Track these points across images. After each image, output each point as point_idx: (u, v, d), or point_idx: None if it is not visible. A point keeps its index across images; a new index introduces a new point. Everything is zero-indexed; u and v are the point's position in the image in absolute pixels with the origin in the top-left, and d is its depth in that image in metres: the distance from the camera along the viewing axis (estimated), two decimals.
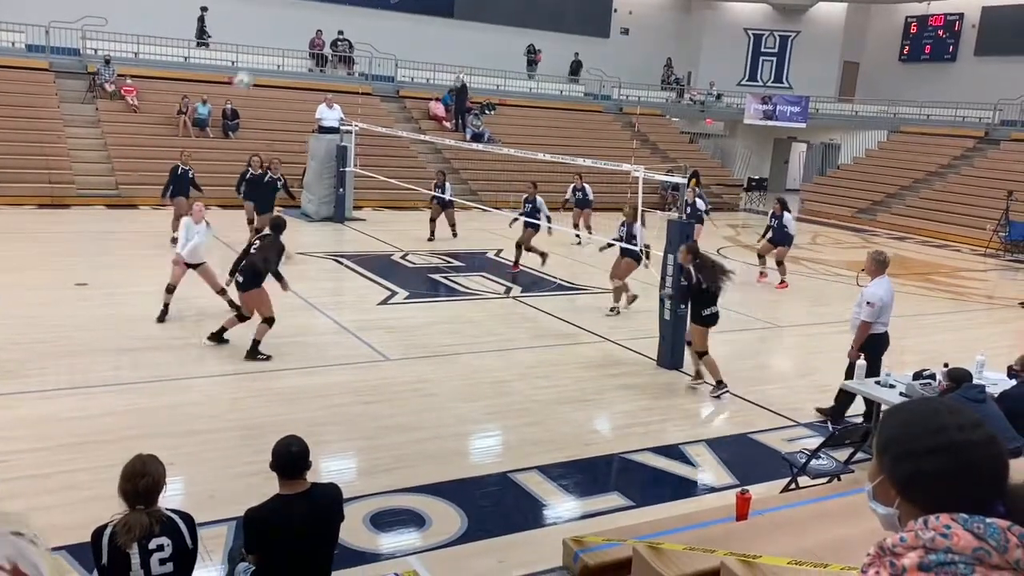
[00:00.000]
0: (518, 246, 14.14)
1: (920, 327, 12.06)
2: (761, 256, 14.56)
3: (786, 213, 14.14)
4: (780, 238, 14.06)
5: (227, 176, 19.86)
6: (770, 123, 30.97)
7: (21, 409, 6.97)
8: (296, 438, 3.86)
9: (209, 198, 17.48)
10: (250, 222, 14.76)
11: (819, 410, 8.00)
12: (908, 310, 13.28)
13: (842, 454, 6.42)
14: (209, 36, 24.68)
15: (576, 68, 30.10)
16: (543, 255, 13.92)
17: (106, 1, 23.01)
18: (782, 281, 13.99)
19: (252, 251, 8.72)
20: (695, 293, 8.34)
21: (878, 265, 7.55)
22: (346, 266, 13.98)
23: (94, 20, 22.33)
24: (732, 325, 11.50)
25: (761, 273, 14.48)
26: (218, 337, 8.95)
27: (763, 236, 14.67)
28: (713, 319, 8.38)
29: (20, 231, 14.04)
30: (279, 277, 8.90)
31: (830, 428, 7.45)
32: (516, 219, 14.63)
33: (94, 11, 22.39)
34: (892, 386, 6.77)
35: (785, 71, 33.47)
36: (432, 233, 16.53)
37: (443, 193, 16.45)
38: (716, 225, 19.81)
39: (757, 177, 29.97)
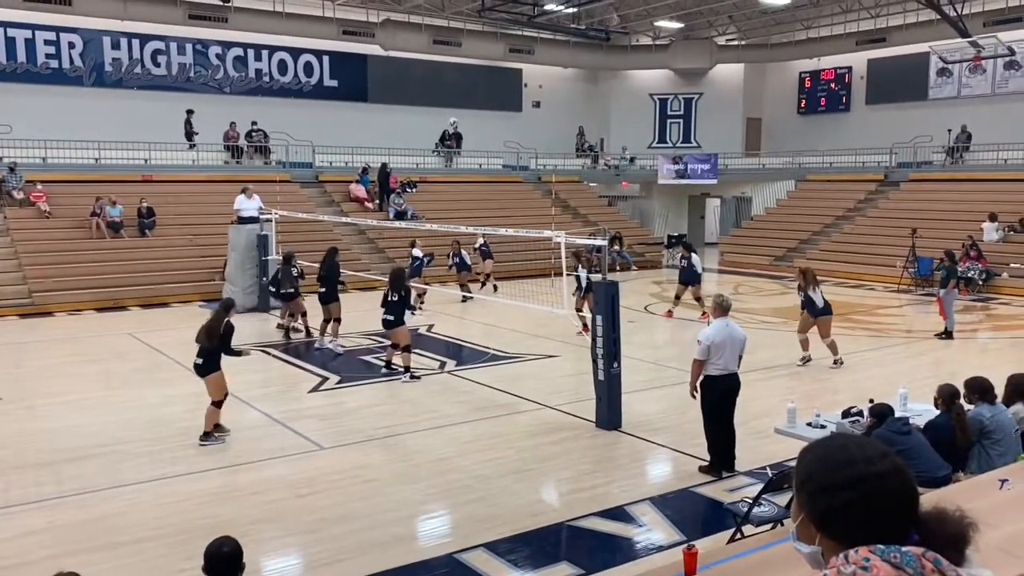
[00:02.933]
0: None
1: (847, 365, 12.40)
2: (677, 297, 16.76)
3: (692, 255, 16.17)
4: (690, 277, 16.13)
5: (146, 275, 19.54)
6: (683, 181, 32.01)
7: None
8: (228, 538, 3.72)
9: (128, 299, 17.13)
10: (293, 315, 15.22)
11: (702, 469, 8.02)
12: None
13: (783, 499, 6.47)
14: (196, 134, 24.93)
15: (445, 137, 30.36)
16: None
17: (10, 108, 22.64)
18: (703, 312, 15.34)
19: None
20: None
21: (716, 307, 8.08)
22: (273, 356, 13.71)
23: None
24: (666, 380, 11.65)
25: (669, 312, 16.76)
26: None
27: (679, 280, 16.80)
28: None
29: None
30: (236, 353, 9.06)
31: (769, 474, 7.53)
32: (451, 266, 19.29)
33: None
34: (823, 426, 6.92)
35: (692, 131, 34.79)
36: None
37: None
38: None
39: (676, 234, 30.79)
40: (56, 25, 24.26)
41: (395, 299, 11.82)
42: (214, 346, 8.76)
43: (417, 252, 18.28)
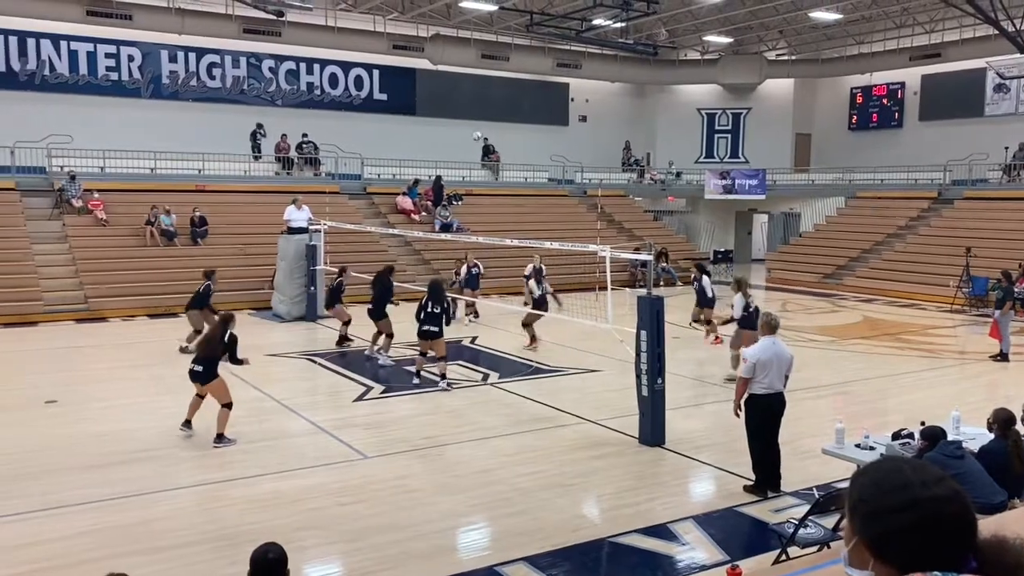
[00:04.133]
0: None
1: (898, 387, 12.15)
2: (696, 320, 16.03)
3: (704, 277, 15.41)
4: (701, 301, 15.41)
5: (197, 283, 19.89)
6: (730, 197, 31.71)
7: None
8: (273, 545, 3.76)
9: (179, 306, 17.49)
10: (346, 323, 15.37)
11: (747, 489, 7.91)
12: (884, 370, 13.44)
13: (830, 521, 6.35)
14: (260, 148, 25.71)
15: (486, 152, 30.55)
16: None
17: (71, 119, 23.38)
18: (716, 337, 14.77)
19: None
20: None
21: (764, 325, 7.96)
22: (320, 364, 13.87)
23: (59, 138, 22.57)
24: (710, 397, 11.52)
25: (717, 338, 15.11)
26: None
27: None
28: None
29: None
30: (239, 362, 9.51)
31: (815, 495, 7.39)
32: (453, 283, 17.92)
33: (59, 129, 22.67)
34: (872, 448, 6.77)
35: (740, 146, 34.48)
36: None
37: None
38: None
39: (723, 249, 30.52)
40: (116, 39, 25.02)
41: (436, 310, 11.93)
42: (216, 355, 9.24)
43: (475, 265, 18.31)
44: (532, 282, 15.93)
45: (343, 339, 15.27)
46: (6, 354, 14.52)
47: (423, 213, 25.90)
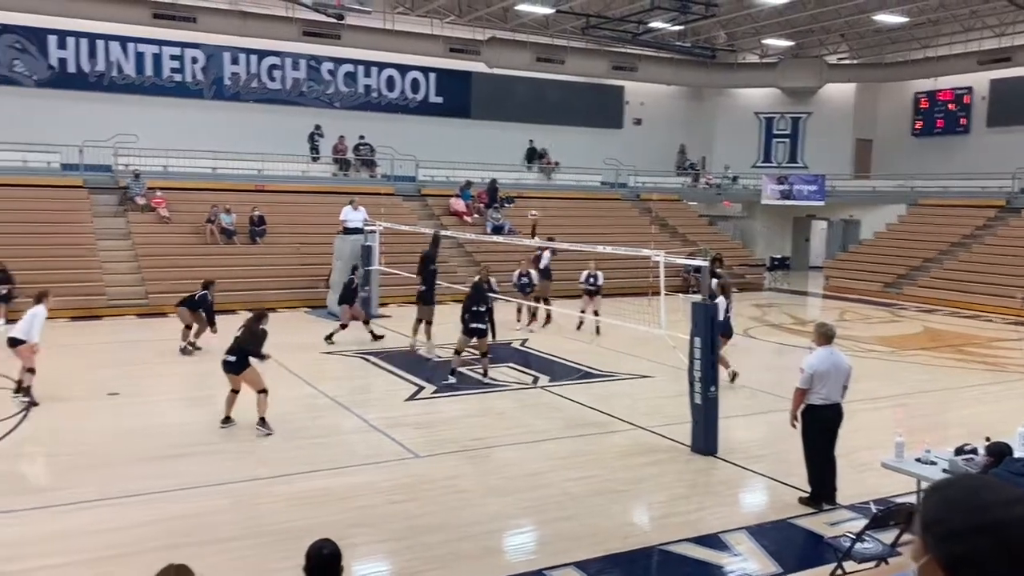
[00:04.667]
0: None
1: (960, 400, 11.81)
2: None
3: (720, 299, 14.43)
4: (719, 327, 14.63)
5: (254, 281, 20.35)
6: (788, 202, 31.20)
7: (55, 523, 6.95)
8: (328, 541, 3.80)
9: (237, 303, 17.85)
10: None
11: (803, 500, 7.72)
12: (946, 383, 13.08)
13: (888, 536, 6.20)
14: (317, 149, 26.16)
15: (531, 155, 30.45)
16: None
17: (136, 119, 24.07)
18: (730, 373, 14.07)
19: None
20: None
21: (820, 336, 7.71)
22: (373, 363, 14.02)
23: (125, 137, 23.23)
24: (764, 406, 11.34)
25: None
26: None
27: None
28: None
29: (53, 344, 14.17)
30: (263, 357, 9.82)
31: (872, 509, 7.22)
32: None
33: (125, 129, 23.33)
34: (933, 463, 6.58)
35: (799, 151, 33.89)
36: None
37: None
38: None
39: (779, 256, 30.01)
40: (181, 41, 25.67)
41: (482, 309, 12.48)
42: (252, 348, 9.65)
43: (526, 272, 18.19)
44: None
45: (375, 336, 15.55)
46: (73, 347, 14.98)
47: (475, 215, 26.01)
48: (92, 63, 24.92)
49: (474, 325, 12.43)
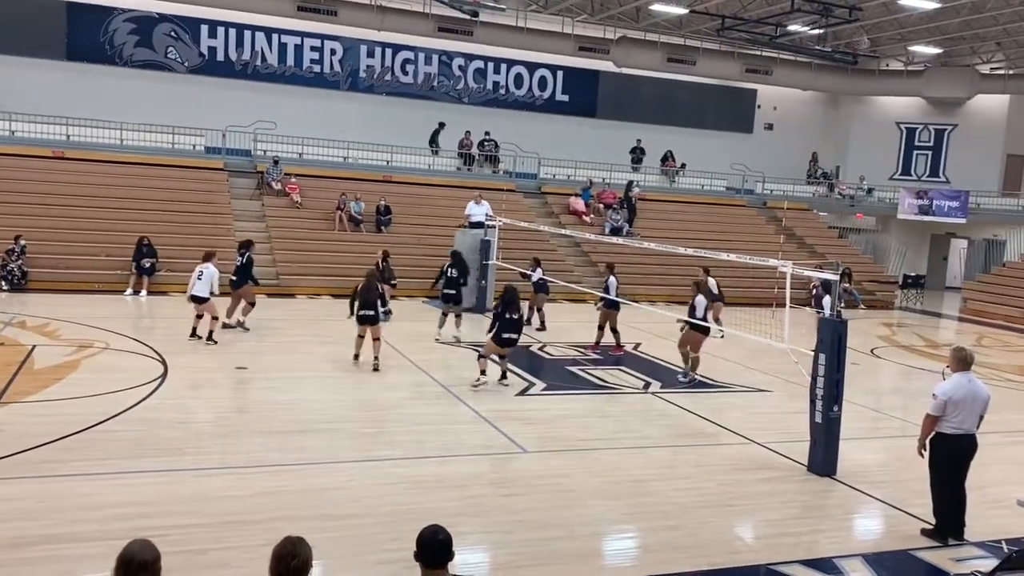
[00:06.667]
0: (600, 328, 15.10)
1: None
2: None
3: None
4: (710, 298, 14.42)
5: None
6: (926, 218, 29.64)
7: (180, 486, 7.36)
8: (441, 527, 3.84)
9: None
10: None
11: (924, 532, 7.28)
12: None
13: None
14: (439, 146, 26.82)
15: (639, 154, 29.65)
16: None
17: (275, 107, 25.23)
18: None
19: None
20: None
21: (956, 361, 7.23)
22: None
23: (265, 124, 24.38)
24: (889, 430, 10.83)
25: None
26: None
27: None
28: None
29: (186, 318, 15.04)
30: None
31: (1004, 549, 6.77)
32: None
33: (265, 116, 24.49)
34: None
35: (942, 165, 32.12)
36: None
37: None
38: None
39: (913, 274, 28.52)
40: (322, 33, 26.72)
41: (515, 316, 11.69)
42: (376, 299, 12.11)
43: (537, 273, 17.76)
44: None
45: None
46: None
47: (593, 215, 25.89)
48: (239, 52, 26.26)
49: (507, 335, 11.64)
